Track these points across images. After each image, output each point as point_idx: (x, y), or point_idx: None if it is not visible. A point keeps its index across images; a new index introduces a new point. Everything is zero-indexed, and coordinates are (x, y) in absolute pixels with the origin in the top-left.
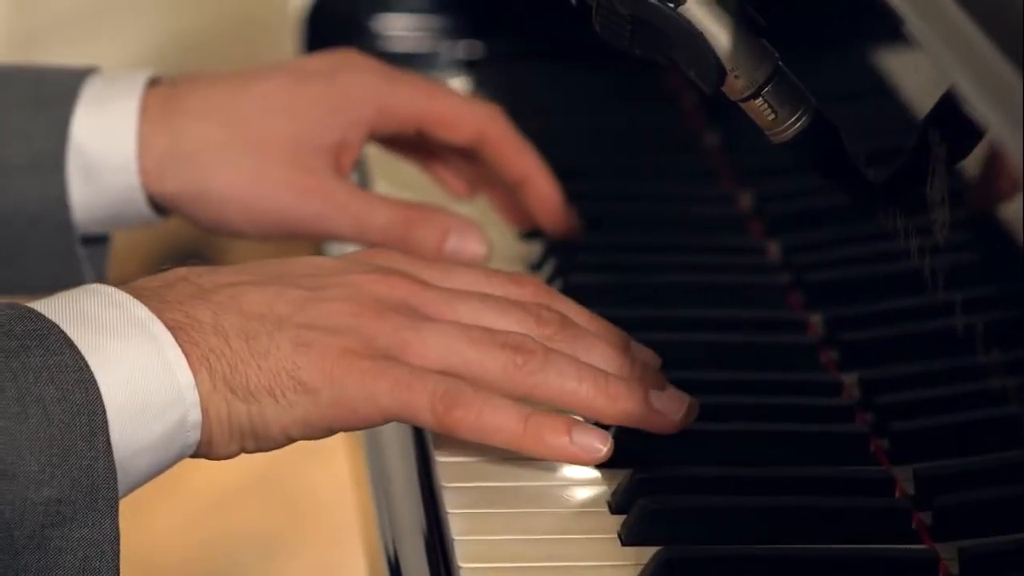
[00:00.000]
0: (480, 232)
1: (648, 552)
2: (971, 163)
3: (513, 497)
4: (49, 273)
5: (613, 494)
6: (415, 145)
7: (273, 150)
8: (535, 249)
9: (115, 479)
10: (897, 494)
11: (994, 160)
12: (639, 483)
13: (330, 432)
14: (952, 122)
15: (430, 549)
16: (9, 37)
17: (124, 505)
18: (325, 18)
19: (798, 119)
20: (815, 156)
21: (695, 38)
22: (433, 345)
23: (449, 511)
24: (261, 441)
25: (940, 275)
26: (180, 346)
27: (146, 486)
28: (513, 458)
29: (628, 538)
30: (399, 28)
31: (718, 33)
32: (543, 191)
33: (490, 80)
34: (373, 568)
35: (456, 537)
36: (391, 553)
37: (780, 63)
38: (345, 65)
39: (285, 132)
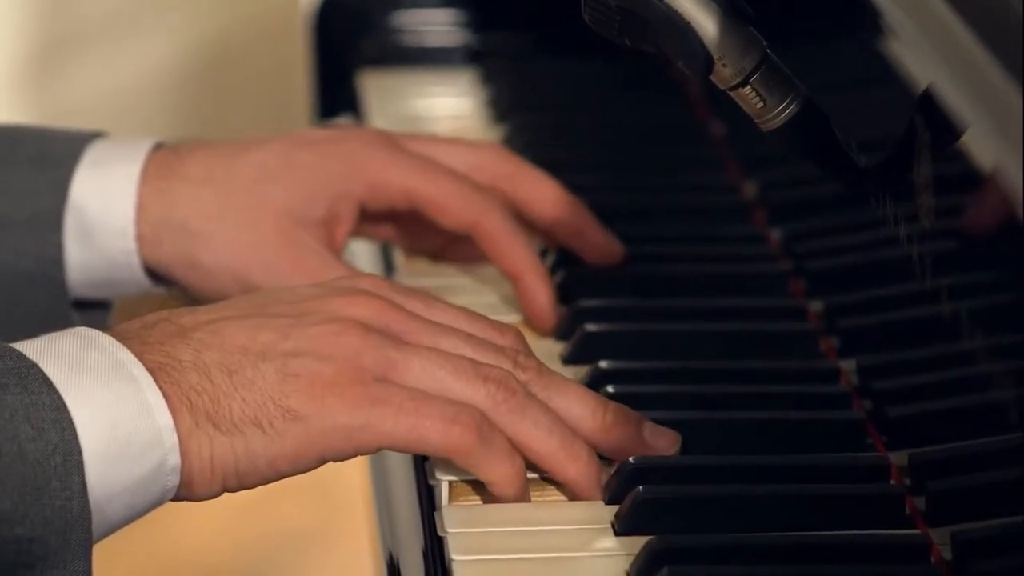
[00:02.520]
0: None
1: (642, 542)
2: (955, 151)
3: None
4: (42, 333)
5: (607, 484)
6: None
7: (265, 221)
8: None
9: (89, 520)
10: (893, 480)
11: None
12: (633, 472)
13: (321, 462)
14: (936, 109)
15: (426, 543)
16: (39, 42)
17: (164, 506)
18: (335, 14)
19: (787, 107)
20: (805, 143)
21: (682, 27)
22: (416, 368)
23: (444, 504)
24: (245, 477)
25: (929, 261)
26: (160, 388)
27: None
28: None
29: (622, 528)
30: (409, 22)
31: (704, 22)
32: (532, 289)
33: (498, 73)
34: (377, 566)
35: (449, 530)
36: (389, 549)
37: (768, 51)
38: (341, 137)
39: (276, 202)
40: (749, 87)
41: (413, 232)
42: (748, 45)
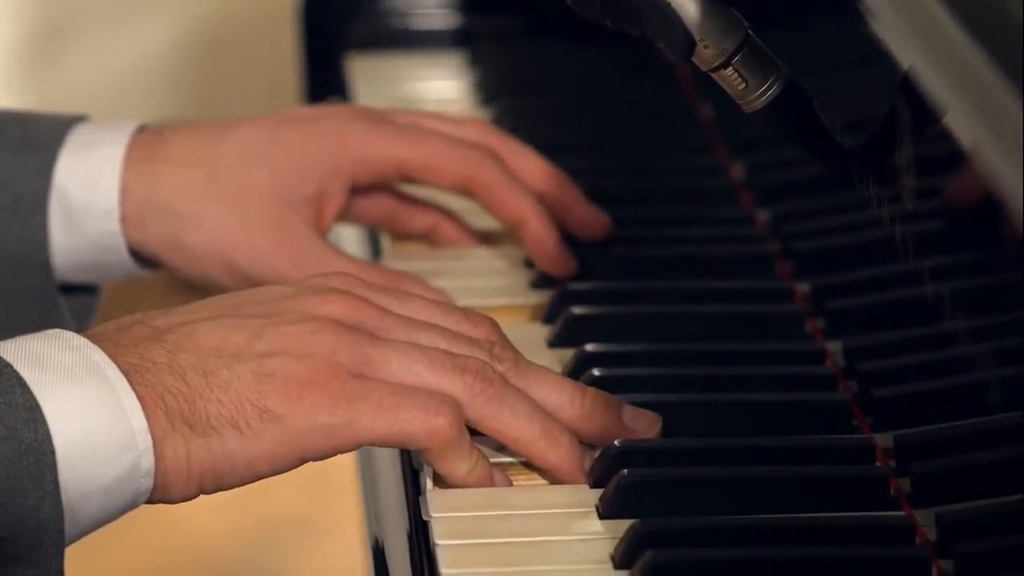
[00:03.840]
0: (450, 299)
1: (626, 525)
2: (936, 132)
3: None
4: (29, 319)
5: (592, 467)
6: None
7: (251, 202)
8: None
9: (62, 521)
10: (878, 462)
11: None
12: (617, 455)
13: (301, 461)
14: (917, 91)
15: (411, 528)
16: (35, 28)
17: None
18: (322, 0)
19: (769, 88)
20: (788, 124)
21: (663, 8)
22: (393, 362)
23: (428, 488)
24: (223, 478)
25: (914, 243)
26: (135, 390)
27: None
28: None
29: (606, 511)
30: (397, 6)
31: (686, 3)
32: (537, 233)
33: (485, 56)
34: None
35: (434, 514)
36: (375, 534)
37: (750, 32)
38: (325, 114)
39: (262, 183)
40: (731, 68)
41: (400, 215)
42: (730, 26)
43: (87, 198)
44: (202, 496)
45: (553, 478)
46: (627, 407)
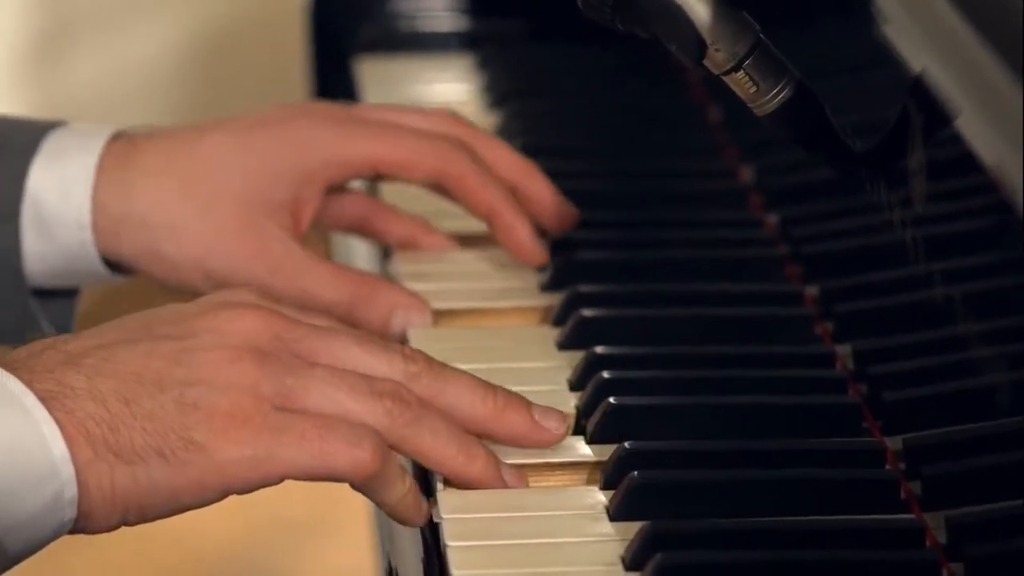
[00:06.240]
0: (425, 308)
1: (636, 527)
2: (948, 136)
3: None
4: (4, 323)
5: (602, 469)
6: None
7: (226, 209)
8: None
9: None
10: (888, 465)
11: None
12: (627, 458)
13: (226, 493)
14: (929, 94)
15: (421, 530)
16: (39, 29)
17: None
18: (332, 1)
19: (780, 91)
20: (798, 128)
21: (674, 12)
22: (314, 392)
23: (438, 490)
24: (147, 509)
25: (924, 246)
26: (54, 416)
27: None
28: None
29: (616, 513)
30: (407, 8)
31: (697, 6)
32: (508, 224)
33: (495, 59)
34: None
35: (444, 516)
36: (385, 536)
37: (761, 35)
38: (296, 115)
39: (236, 190)
40: (742, 72)
41: (373, 220)
42: (741, 29)
43: (60, 208)
44: None
45: (562, 480)
46: (536, 406)
